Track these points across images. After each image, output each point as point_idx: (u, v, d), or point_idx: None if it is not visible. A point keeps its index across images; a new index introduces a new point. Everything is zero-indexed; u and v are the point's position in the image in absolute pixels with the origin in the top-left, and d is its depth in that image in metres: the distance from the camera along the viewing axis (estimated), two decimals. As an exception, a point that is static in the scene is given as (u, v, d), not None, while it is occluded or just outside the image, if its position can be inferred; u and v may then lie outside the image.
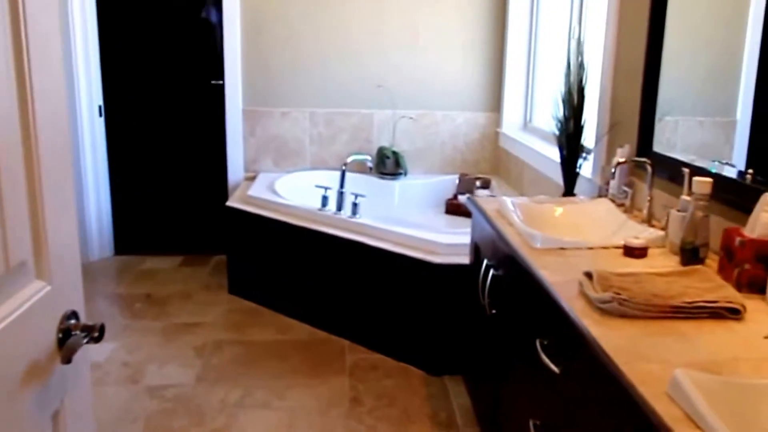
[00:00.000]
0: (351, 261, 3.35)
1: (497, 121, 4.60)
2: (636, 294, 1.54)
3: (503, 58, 4.47)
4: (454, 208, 4.35)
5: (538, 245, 1.99)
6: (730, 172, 1.96)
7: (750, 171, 1.89)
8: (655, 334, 1.41)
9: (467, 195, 4.30)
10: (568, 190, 2.93)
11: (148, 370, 3.15)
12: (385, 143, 4.54)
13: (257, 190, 4.02)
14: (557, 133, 2.93)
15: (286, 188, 4.11)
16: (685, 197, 1.96)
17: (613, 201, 2.54)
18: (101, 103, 4.43)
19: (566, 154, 2.90)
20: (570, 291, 1.66)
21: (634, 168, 2.51)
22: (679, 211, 1.96)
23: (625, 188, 2.47)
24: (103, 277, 4.32)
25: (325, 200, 3.58)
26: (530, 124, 4.41)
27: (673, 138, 2.33)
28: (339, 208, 3.53)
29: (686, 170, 1.97)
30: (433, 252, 3.09)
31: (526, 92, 4.43)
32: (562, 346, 1.62)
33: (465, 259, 2.97)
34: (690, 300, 1.51)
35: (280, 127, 4.48)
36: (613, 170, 2.41)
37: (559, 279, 1.74)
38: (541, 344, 1.72)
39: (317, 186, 3.63)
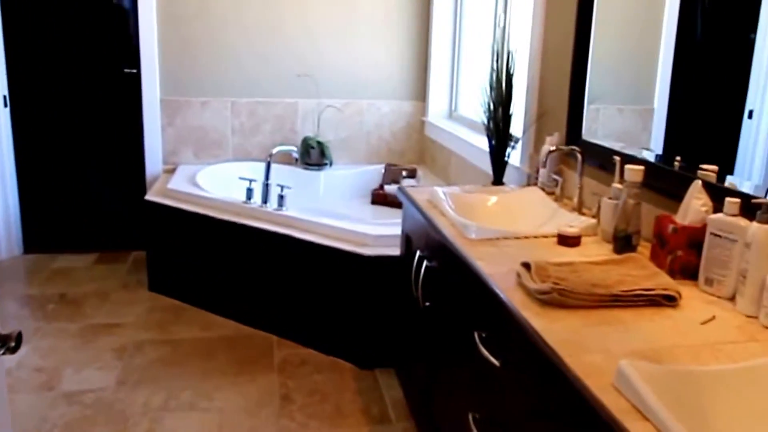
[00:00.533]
0: (278, 254, 3.28)
1: (423, 110, 4.59)
2: (575, 284, 1.53)
3: (428, 46, 4.46)
4: (380, 199, 4.32)
5: (473, 236, 1.97)
6: (650, 157, 1.99)
7: (678, 158, 1.91)
8: (596, 323, 1.40)
9: (396, 185, 4.28)
10: (497, 179, 2.93)
11: (64, 375, 3.01)
12: (310, 133, 4.47)
13: (178, 182, 3.90)
14: (485, 122, 2.92)
15: (209, 181, 3.99)
16: (616, 185, 1.97)
17: (543, 189, 2.55)
18: (6, 93, 4.21)
19: (495, 143, 2.90)
20: (508, 282, 1.64)
21: (564, 156, 2.53)
22: (610, 199, 1.98)
23: (555, 176, 2.48)
24: (13, 277, 4.11)
25: (249, 193, 3.50)
26: (456, 113, 4.42)
27: (594, 126, 2.36)
28: (264, 200, 3.45)
29: (617, 158, 1.99)
30: (363, 244, 3.05)
31: (451, 81, 4.43)
32: (502, 338, 1.60)
33: (395, 251, 2.94)
34: (627, 288, 1.52)
35: (201, 117, 4.35)
36: (544, 159, 2.42)
37: (496, 270, 1.72)
38: (480, 337, 1.71)
39: (241, 178, 3.54)
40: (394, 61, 4.49)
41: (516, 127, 2.92)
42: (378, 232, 3.07)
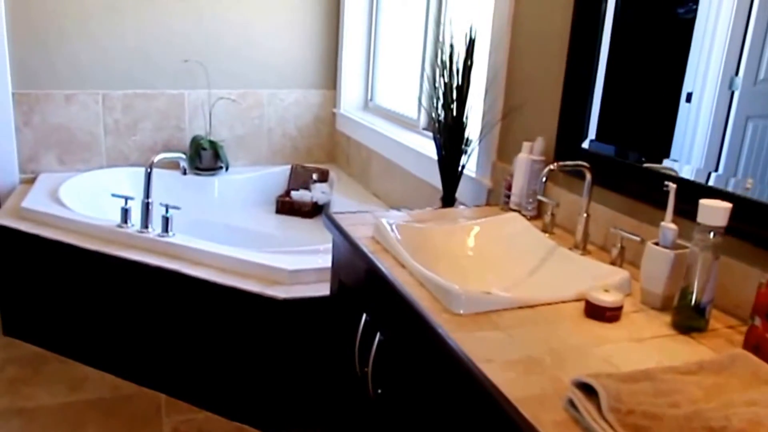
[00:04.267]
0: (165, 292, 2.46)
1: (334, 100, 3.82)
2: (678, 428, 0.84)
3: (339, 23, 3.68)
4: (286, 208, 3.54)
5: (461, 310, 1.25)
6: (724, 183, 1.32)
7: None
8: None
9: (305, 190, 3.51)
10: (448, 195, 2.22)
11: None
12: (200, 132, 3.62)
13: (35, 199, 2.99)
14: (432, 120, 2.21)
15: (74, 195, 3.09)
16: (668, 225, 1.28)
17: (518, 212, 1.86)
18: None
19: (444, 149, 2.18)
20: (548, 412, 0.93)
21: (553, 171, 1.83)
22: (658, 245, 1.29)
23: (542, 198, 1.79)
24: None
25: (126, 214, 2.65)
26: (372, 103, 3.67)
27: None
28: (145, 224, 2.61)
29: (671, 185, 1.30)
30: (274, 282, 2.28)
31: (367, 64, 3.68)
32: None
33: (317, 290, 2.20)
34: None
35: (65, 114, 3.43)
36: (528, 176, 1.72)
37: (526, 392, 1.00)
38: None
39: (114, 195, 2.67)
40: (298, 43, 3.69)
41: (471, 126, 2.20)
42: (294, 265, 2.30)
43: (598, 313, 1.23)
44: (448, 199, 2.24)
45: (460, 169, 2.19)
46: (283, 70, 3.69)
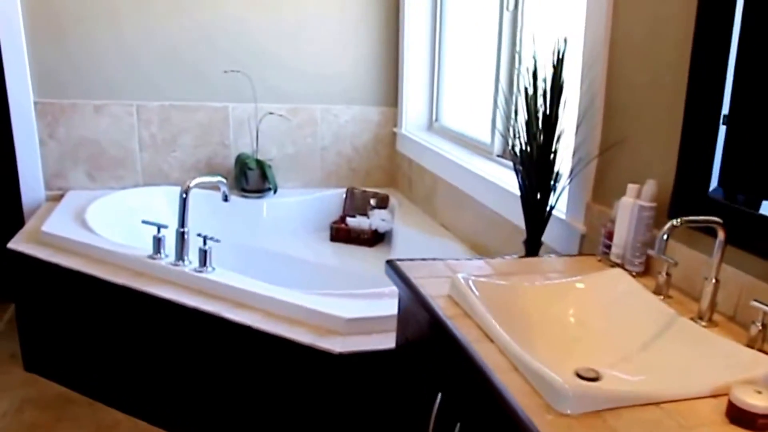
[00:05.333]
0: (201, 336, 2.33)
1: (394, 119, 3.67)
2: None
3: (400, 32, 3.54)
4: (342, 235, 3.40)
5: (569, 411, 1.07)
6: None
7: None
8: None
9: (363, 217, 3.37)
10: (534, 238, 2.05)
11: None
12: (246, 149, 3.51)
13: (57, 221, 2.90)
14: (513, 151, 2.04)
15: (102, 218, 3.00)
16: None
17: (622, 266, 1.68)
18: None
19: (528, 184, 2.01)
20: None
21: (661, 217, 1.64)
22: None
23: (653, 252, 1.60)
24: None
25: (159, 243, 2.53)
26: (438, 124, 3.52)
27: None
28: (180, 256, 2.49)
29: None
30: (330, 331, 2.13)
31: (431, 80, 3.53)
32: None
33: (379, 343, 2.05)
34: None
35: (95, 126, 3.35)
36: (632, 222, 1.54)
37: None
38: None
39: (146, 222, 2.56)
40: (355, 54, 3.55)
41: (560, 158, 2.03)
42: (352, 313, 2.14)
43: (746, 419, 1.04)
44: (533, 244, 2.06)
45: (548, 209, 2.01)
46: (338, 84, 3.57)
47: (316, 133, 3.61)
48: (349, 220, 3.40)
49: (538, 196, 1.99)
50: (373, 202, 3.44)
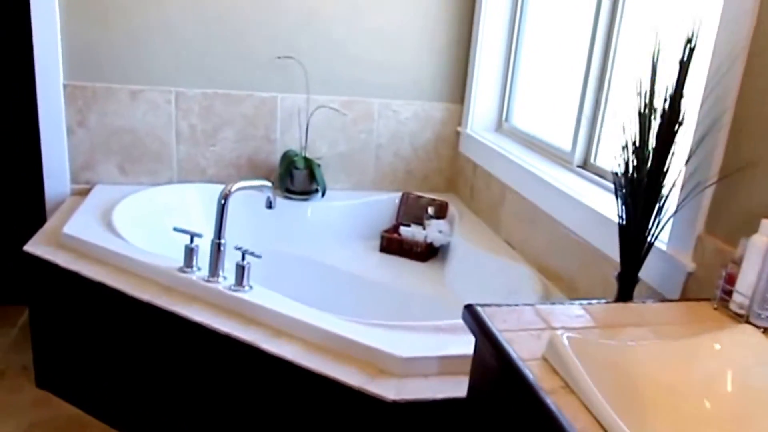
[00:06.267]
0: (234, 364, 2.08)
1: (460, 117, 3.38)
2: None
3: (474, 23, 3.25)
4: (394, 246, 3.13)
5: None
6: None
7: None
8: None
9: (417, 226, 3.09)
10: (629, 273, 1.75)
11: None
12: (294, 145, 3.26)
13: (81, 222, 2.68)
14: (615, 173, 1.75)
15: (130, 218, 2.78)
16: None
17: (746, 319, 1.40)
18: None
19: (631, 211, 1.71)
20: None
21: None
22: None
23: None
24: None
25: (191, 254, 2.29)
26: (508, 125, 3.22)
27: None
28: (214, 270, 2.24)
29: None
30: (383, 371, 1.86)
31: (504, 76, 3.23)
32: None
33: (441, 389, 1.78)
34: None
35: (129, 114, 3.12)
36: (765, 267, 1.24)
37: None
38: None
39: (177, 230, 2.32)
40: (419, 44, 3.27)
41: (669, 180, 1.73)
42: (410, 350, 1.87)
43: None
44: (629, 280, 1.77)
45: (651, 240, 1.72)
46: (399, 76, 3.29)
47: (372, 130, 3.33)
48: (402, 229, 3.12)
49: (639, 223, 1.69)
50: (430, 210, 3.16)
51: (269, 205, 2.38)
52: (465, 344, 1.84)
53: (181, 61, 3.09)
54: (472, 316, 1.40)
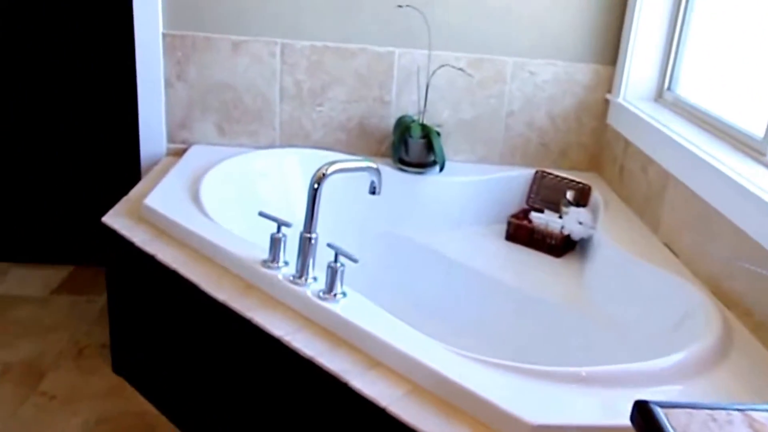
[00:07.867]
0: (316, 393, 1.65)
1: (609, 82, 2.80)
2: None
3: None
4: (522, 235, 2.61)
5: None
6: None
7: None
8: None
9: (552, 213, 2.56)
10: None
11: None
12: (411, 109, 2.77)
13: (166, 192, 2.31)
14: None
15: (220, 191, 2.39)
16: None
17: None
18: None
19: None
20: None
21: None
22: None
23: None
24: None
25: (277, 245, 1.86)
26: (671, 94, 2.61)
27: None
28: (302, 270, 1.80)
29: None
30: (501, 438, 1.38)
31: (669, 32, 2.61)
32: None
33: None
34: None
35: (231, 67, 2.71)
36: None
37: None
38: None
39: (263, 215, 1.89)
40: (567, -8, 2.70)
41: None
42: (541, 416, 1.37)
43: None
44: None
45: None
46: (539, 31, 2.72)
47: (503, 94, 2.79)
48: (534, 215, 2.59)
49: None
50: (569, 195, 2.60)
51: (373, 191, 1.90)
52: (615, 410, 1.35)
53: (288, 8, 2.65)
54: (647, 422, 0.89)
